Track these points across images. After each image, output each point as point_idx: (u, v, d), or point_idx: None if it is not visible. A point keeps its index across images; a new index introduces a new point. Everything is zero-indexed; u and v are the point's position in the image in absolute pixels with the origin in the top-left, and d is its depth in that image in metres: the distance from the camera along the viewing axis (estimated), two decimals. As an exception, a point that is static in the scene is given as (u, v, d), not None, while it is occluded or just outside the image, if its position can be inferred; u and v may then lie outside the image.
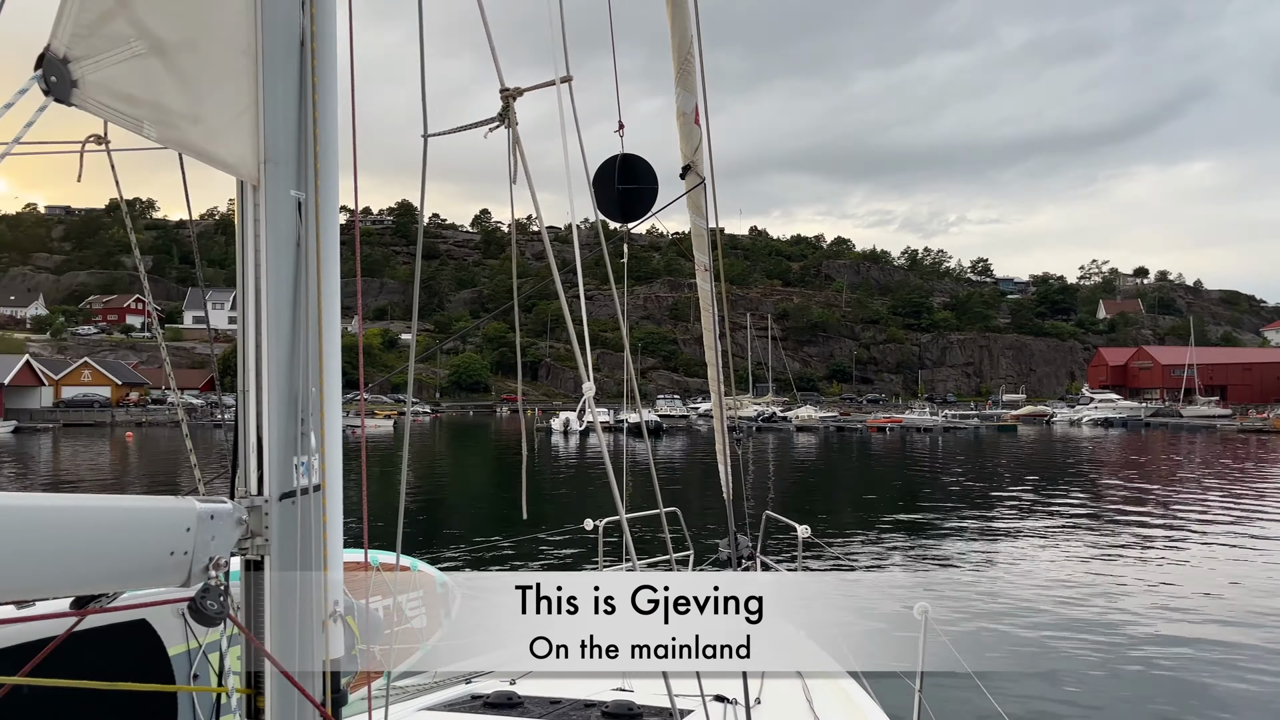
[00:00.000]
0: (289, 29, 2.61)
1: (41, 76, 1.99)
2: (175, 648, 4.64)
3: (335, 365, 2.78)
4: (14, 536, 1.80)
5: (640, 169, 5.98)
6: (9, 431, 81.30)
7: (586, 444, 64.09)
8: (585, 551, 19.42)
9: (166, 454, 56.69)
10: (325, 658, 2.63)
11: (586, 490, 35.08)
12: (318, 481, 2.68)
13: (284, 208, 2.61)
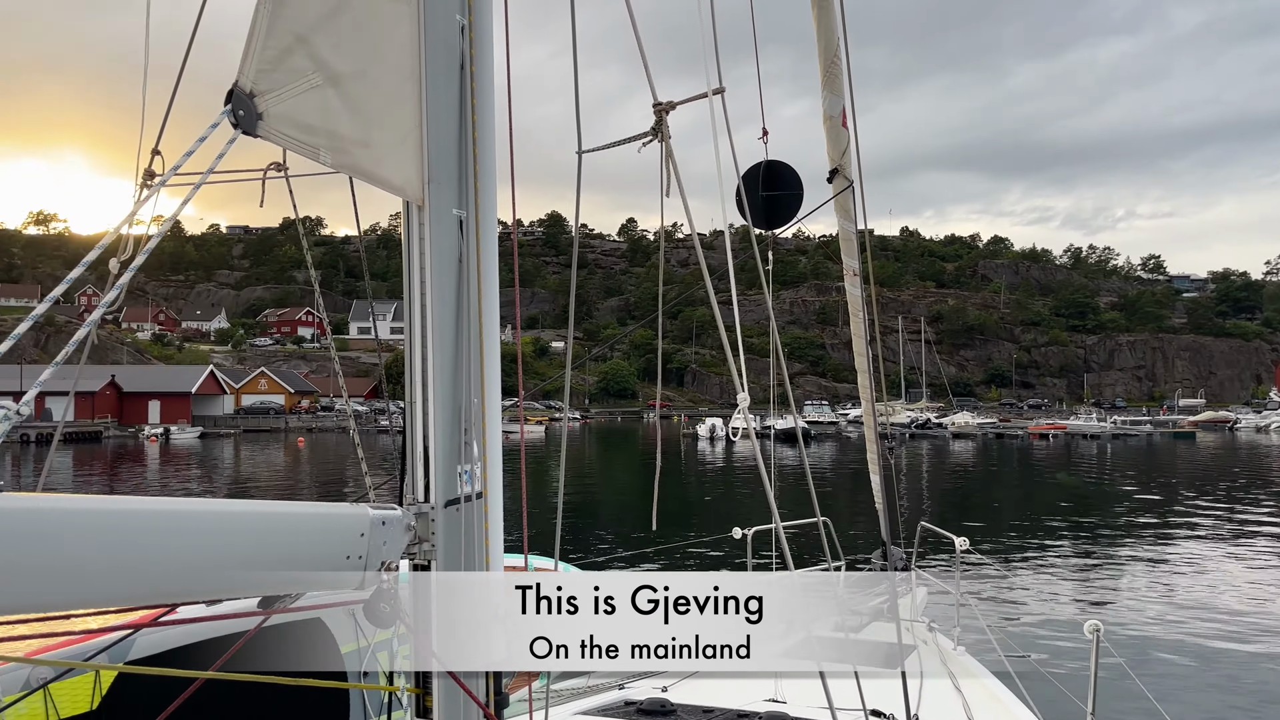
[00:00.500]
0: (449, 54, 2.72)
1: (230, 111, 2.14)
2: (347, 645, 4.90)
3: (495, 376, 2.88)
4: (212, 540, 1.94)
5: (785, 175, 5.93)
6: (196, 436, 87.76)
7: (733, 451, 63.88)
8: (733, 559, 19.36)
9: (335, 458, 59.87)
10: (489, 660, 2.72)
11: (734, 497, 34.95)
12: (480, 489, 2.78)
13: (446, 226, 2.72)
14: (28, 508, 1.57)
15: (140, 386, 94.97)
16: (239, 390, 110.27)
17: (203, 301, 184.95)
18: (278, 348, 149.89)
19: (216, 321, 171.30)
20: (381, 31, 2.53)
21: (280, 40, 2.25)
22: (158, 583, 1.85)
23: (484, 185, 2.79)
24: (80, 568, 1.66)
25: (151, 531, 1.80)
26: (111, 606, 1.90)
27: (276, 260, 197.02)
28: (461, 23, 2.74)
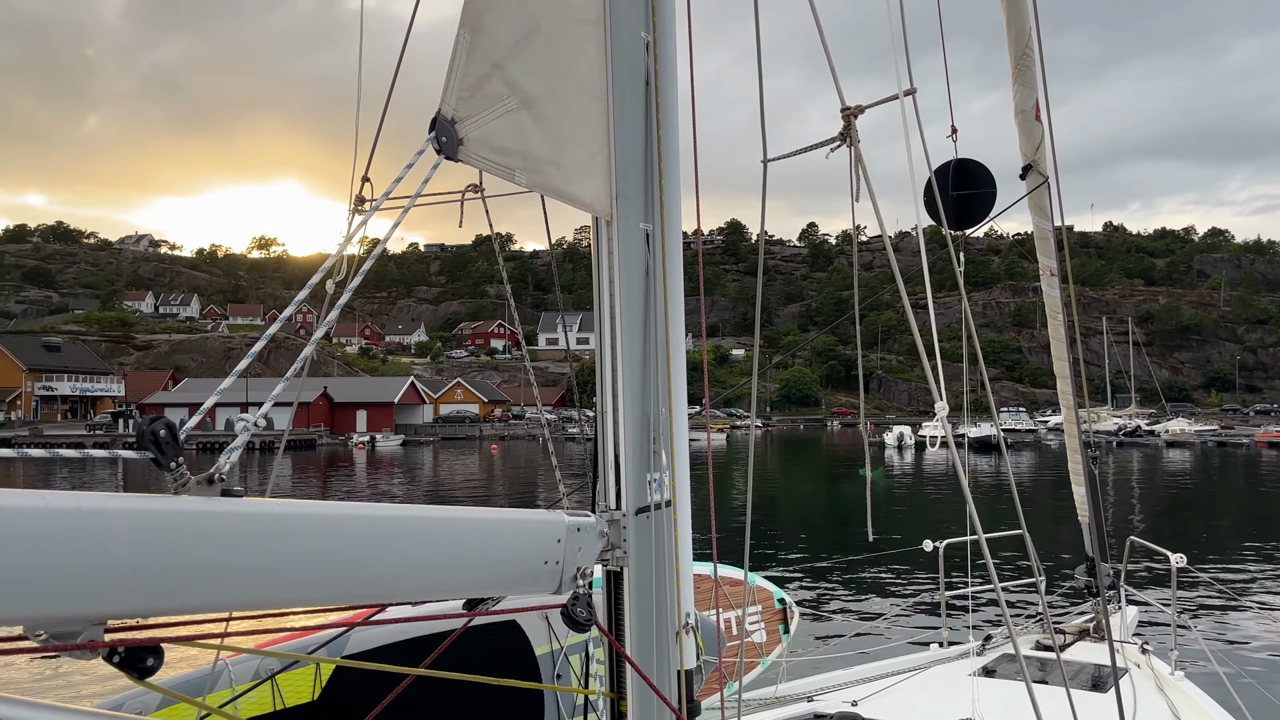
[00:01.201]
0: (635, 71, 2.78)
1: (434, 138, 2.27)
2: (541, 648, 5.06)
3: (682, 386, 2.91)
4: (420, 544, 2.06)
5: (975, 174, 5.70)
6: (398, 444, 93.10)
7: (922, 459, 61.75)
8: (922, 573, 18.71)
9: (526, 465, 62.02)
10: (680, 668, 2.75)
11: (923, 508, 33.76)
12: (669, 497, 2.82)
13: (634, 239, 2.78)
14: (262, 512, 1.71)
15: (349, 397, 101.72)
16: (437, 400, 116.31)
17: (404, 316, 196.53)
18: (472, 359, 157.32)
19: (416, 335, 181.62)
20: (570, 53, 2.62)
21: (478, 68, 2.37)
22: (371, 584, 1.97)
23: (669, 198, 2.83)
24: (303, 568, 1.79)
25: (366, 536, 1.92)
26: (328, 606, 2.04)
27: (470, 276, 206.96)
28: (646, 39, 2.79)
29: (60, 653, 1.49)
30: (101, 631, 1.52)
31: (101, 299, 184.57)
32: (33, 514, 1.38)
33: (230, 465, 1.70)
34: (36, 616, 1.44)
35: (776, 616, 7.84)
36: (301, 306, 2.22)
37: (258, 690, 4.18)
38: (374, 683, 3.95)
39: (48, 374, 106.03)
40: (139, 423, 1.57)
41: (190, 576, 1.59)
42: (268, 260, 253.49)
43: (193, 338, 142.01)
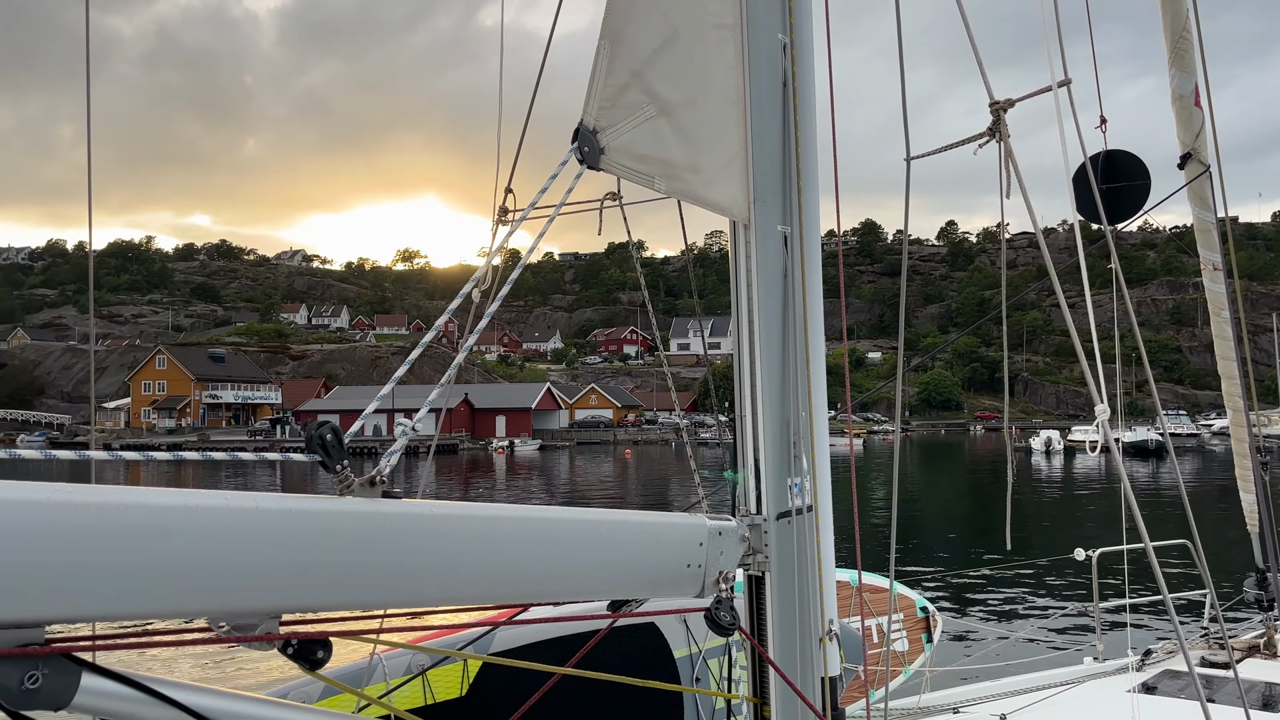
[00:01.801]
0: (772, 74, 2.77)
1: (577, 148, 2.33)
2: (679, 651, 5.08)
3: (822, 390, 2.87)
4: (565, 546, 2.10)
5: (1127, 165, 5.43)
6: (536, 448, 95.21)
7: (1072, 465, 58.94)
8: (1072, 583, 17.85)
9: (659, 469, 62.38)
10: (824, 674, 2.71)
11: (1073, 516, 32.22)
12: (810, 502, 2.79)
13: (772, 242, 2.77)
14: (420, 513, 1.78)
15: (488, 403, 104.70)
16: (572, 405, 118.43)
17: (540, 324, 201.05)
18: (605, 365, 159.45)
19: (552, 342, 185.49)
20: (708, 59, 2.63)
21: (618, 78, 2.41)
22: (520, 584, 2.03)
23: (807, 201, 2.80)
24: (457, 568, 1.86)
25: (517, 537, 1.98)
26: (479, 604, 2.10)
27: (603, 283, 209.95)
28: (783, 41, 2.78)
29: (240, 643, 1.60)
30: (277, 625, 1.62)
31: (260, 312, 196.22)
32: (217, 513, 1.49)
33: (390, 468, 1.78)
34: (220, 609, 1.54)
35: (919, 625, 7.64)
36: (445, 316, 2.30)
37: (410, 685, 4.34)
38: (518, 680, 4.05)
39: (214, 383, 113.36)
40: (308, 428, 1.66)
41: (355, 574, 1.67)
42: (411, 272, 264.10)
43: (342, 347, 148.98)
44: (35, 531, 1.31)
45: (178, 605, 1.47)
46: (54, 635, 1.42)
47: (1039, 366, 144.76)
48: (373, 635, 2.33)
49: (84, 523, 1.35)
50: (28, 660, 1.34)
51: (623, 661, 4.86)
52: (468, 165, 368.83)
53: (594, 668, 2.41)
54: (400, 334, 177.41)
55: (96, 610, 1.39)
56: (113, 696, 1.43)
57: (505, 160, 3.45)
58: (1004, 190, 2.63)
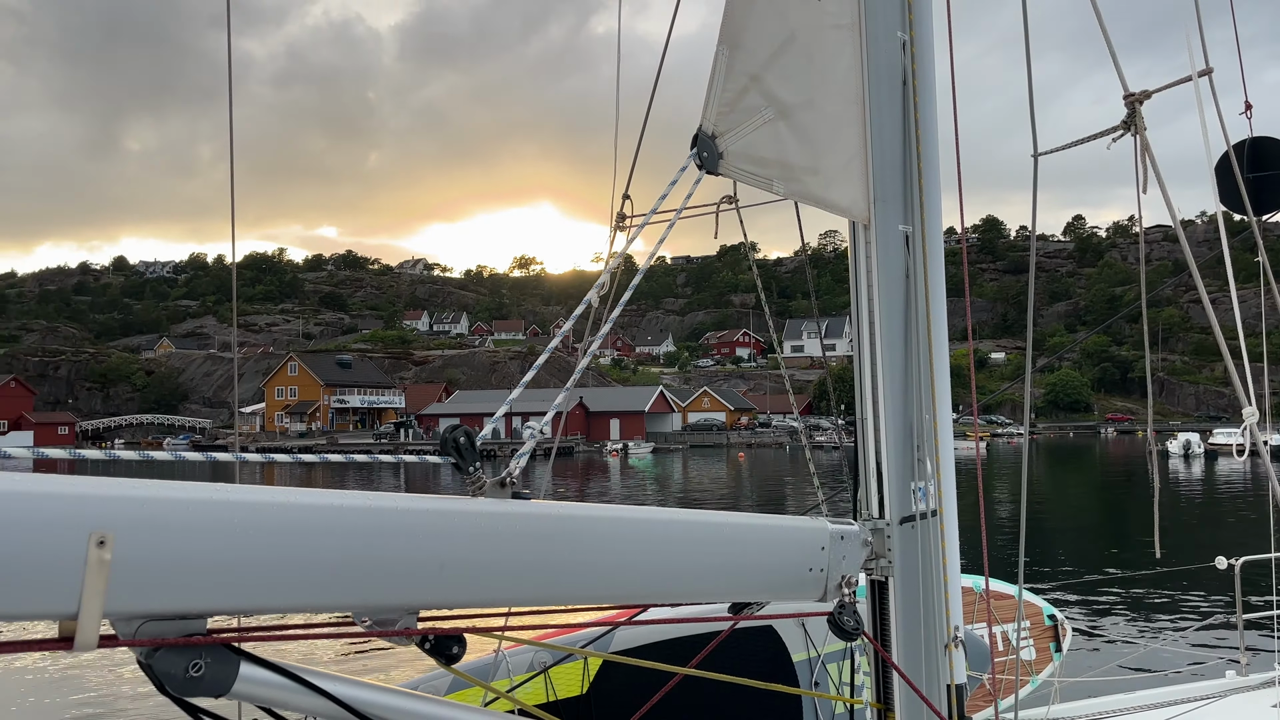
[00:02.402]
0: (891, 73, 2.74)
1: (696, 154, 2.35)
2: (797, 655, 5.04)
3: (946, 393, 2.82)
4: (686, 547, 2.12)
5: (1274, 153, 5.12)
6: (649, 452, 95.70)
7: (1214, 470, 55.78)
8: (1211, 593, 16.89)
9: (773, 473, 61.86)
10: (950, 682, 2.66)
11: (1216, 523, 30.48)
12: (934, 507, 2.74)
13: (893, 243, 2.73)
14: (549, 514, 1.83)
15: (603, 406, 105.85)
16: (685, 408, 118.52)
17: (652, 328, 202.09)
18: (718, 368, 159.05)
19: (664, 345, 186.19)
20: (826, 60, 2.62)
21: (737, 82, 2.42)
22: (643, 584, 2.06)
23: (929, 199, 2.76)
24: (583, 567, 1.90)
25: (641, 538, 2.01)
26: (602, 604, 2.14)
27: (715, 286, 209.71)
28: (903, 39, 2.74)
29: (383, 637, 1.67)
30: (415, 620, 1.69)
31: (384, 319, 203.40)
32: (363, 513, 1.57)
33: (519, 469, 1.83)
34: (365, 604, 1.62)
35: (1047, 634, 7.38)
36: (558, 321, 2.35)
37: (532, 682, 4.44)
38: (637, 680, 4.09)
39: (341, 388, 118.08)
40: (443, 432, 1.74)
41: (487, 572, 1.73)
42: (527, 278, 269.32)
43: (462, 352, 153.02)
44: (199, 528, 1.41)
45: (327, 599, 1.55)
46: (213, 627, 1.52)
47: (1176, 366, 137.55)
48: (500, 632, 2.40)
49: (243, 520, 1.44)
50: (191, 650, 1.44)
51: (740, 664, 4.85)
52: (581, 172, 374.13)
53: (712, 670, 2.43)
54: (517, 339, 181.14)
55: (254, 603, 1.48)
56: (268, 685, 1.52)
57: (621, 167, 3.50)
58: (1140, 184, 2.52)
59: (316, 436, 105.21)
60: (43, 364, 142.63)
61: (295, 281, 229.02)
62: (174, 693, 1.45)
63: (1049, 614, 7.48)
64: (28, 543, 1.27)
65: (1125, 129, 2.51)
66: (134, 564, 1.35)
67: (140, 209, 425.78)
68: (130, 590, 1.35)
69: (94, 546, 1.31)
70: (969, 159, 3.26)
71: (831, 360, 71.27)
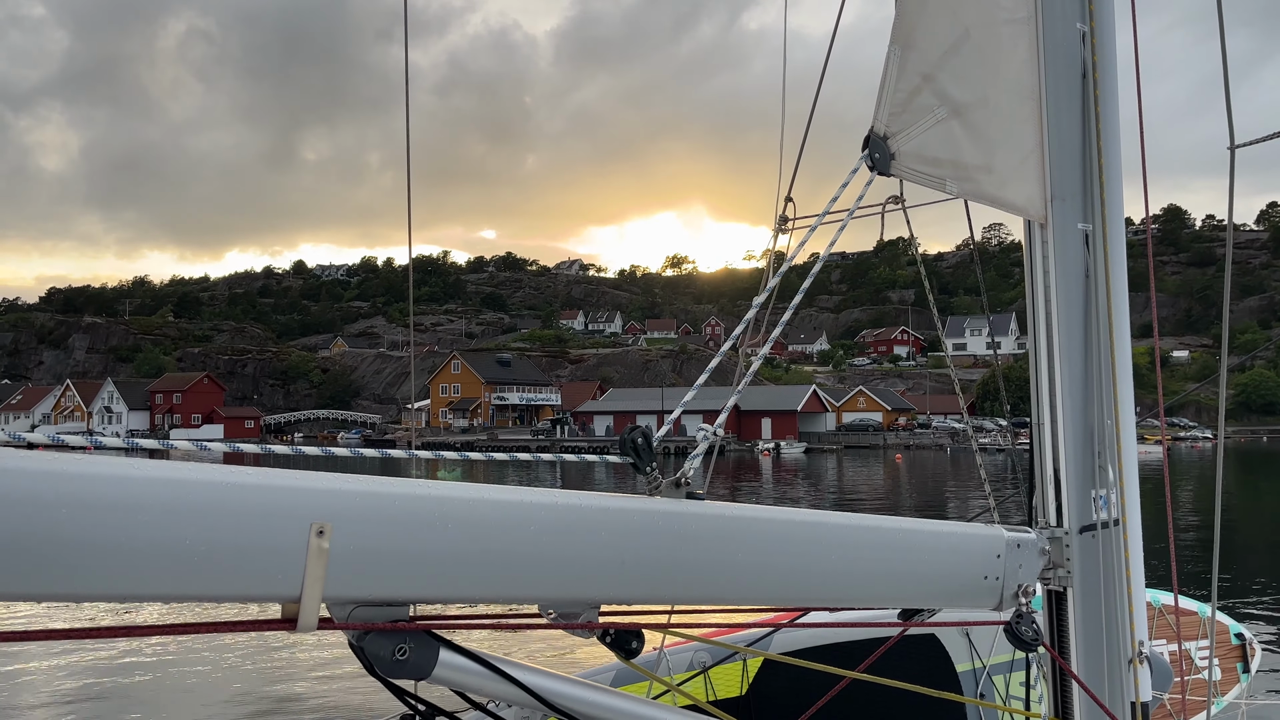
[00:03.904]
0: (1070, 66, 2.64)
1: (867, 155, 2.34)
2: (961, 665, 4.89)
3: (1128, 397, 2.69)
4: (856, 552, 2.12)
5: None
6: (801, 451, 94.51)
7: None
8: None
9: (932, 477, 59.95)
10: (1135, 699, 2.55)
11: None
12: (1116, 516, 2.62)
13: (1071, 241, 2.63)
14: (722, 514, 1.87)
15: (754, 405, 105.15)
16: (839, 408, 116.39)
17: (806, 326, 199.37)
18: (874, 366, 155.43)
19: (818, 344, 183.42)
20: (1000, 56, 2.55)
21: (909, 82, 2.40)
22: (810, 586, 2.07)
23: (1110, 197, 2.64)
24: (752, 568, 1.93)
25: (810, 540, 2.02)
26: (768, 605, 2.16)
27: (871, 283, 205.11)
28: (1082, 30, 2.64)
29: (567, 630, 1.76)
30: (596, 614, 1.77)
31: (542, 319, 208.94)
32: (551, 509, 1.65)
33: (693, 470, 1.88)
34: (552, 597, 1.71)
35: (1234, 653, 6.89)
36: (710, 320, 2.38)
37: (692, 682, 4.49)
38: (797, 684, 4.08)
39: (501, 386, 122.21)
40: (622, 433, 1.81)
41: (663, 569, 1.79)
42: (679, 278, 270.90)
43: (616, 351, 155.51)
44: (406, 520, 1.52)
45: (518, 591, 1.64)
46: (415, 614, 1.64)
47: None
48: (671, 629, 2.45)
49: (446, 514, 1.55)
50: (398, 635, 1.56)
51: (901, 672, 4.74)
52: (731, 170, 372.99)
53: (877, 672, 2.41)
54: (669, 338, 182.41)
55: (454, 593, 1.58)
56: (465, 671, 1.63)
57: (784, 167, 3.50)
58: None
59: (478, 432, 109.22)
60: (231, 362, 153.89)
61: (458, 283, 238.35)
62: (381, 674, 1.57)
63: (1236, 632, 7.00)
64: (257, 531, 1.41)
65: (1338, 117, 2.34)
66: (349, 553, 1.47)
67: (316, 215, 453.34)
68: (346, 577, 1.48)
69: (314, 536, 1.43)
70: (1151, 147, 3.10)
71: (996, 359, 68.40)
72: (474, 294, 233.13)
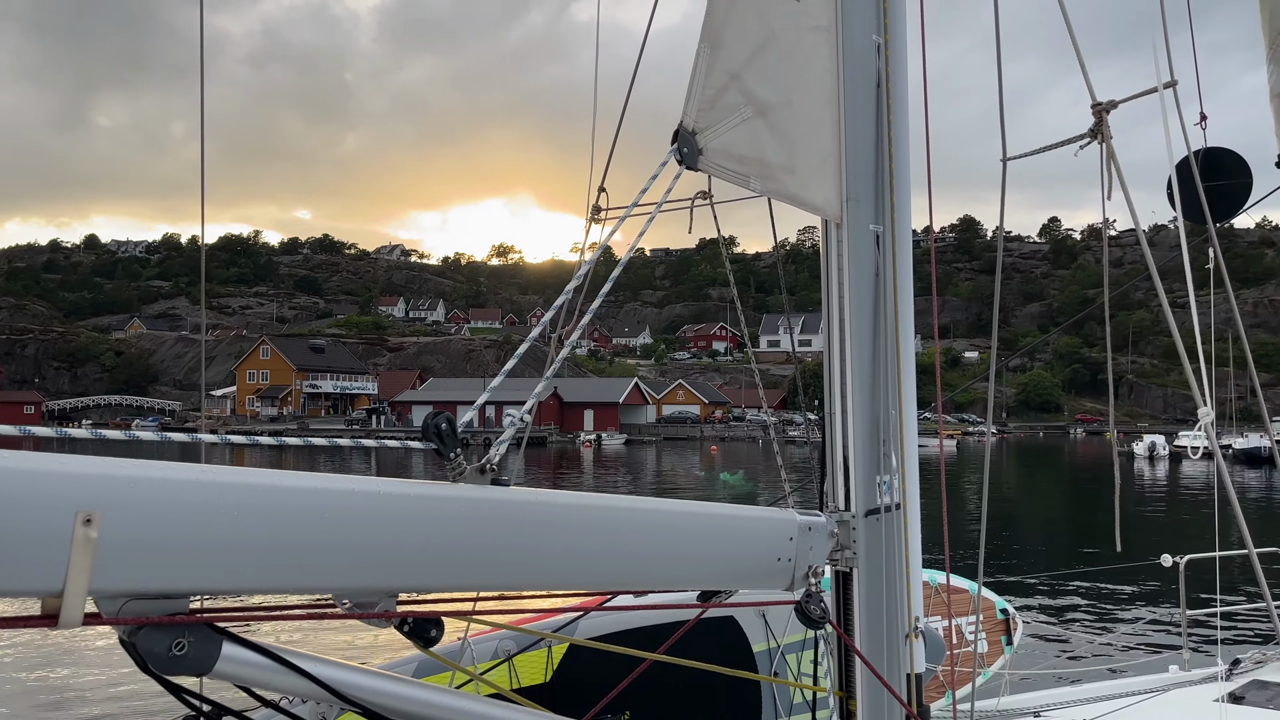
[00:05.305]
0: (866, 75, 2.80)
1: (676, 149, 2.40)
2: (758, 645, 5.10)
3: (911, 388, 2.89)
4: (656, 536, 2.18)
5: (1227, 162, 5.27)
6: (622, 443, 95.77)
7: (1177, 472, 56.62)
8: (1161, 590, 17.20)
9: (746, 467, 62.10)
10: (910, 671, 2.73)
11: (1176, 525, 30.97)
12: (898, 500, 2.81)
13: (864, 242, 2.79)
14: (527, 500, 1.88)
15: (577, 397, 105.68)
16: (659, 401, 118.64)
17: (629, 319, 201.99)
18: (694, 361, 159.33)
19: (641, 338, 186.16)
20: (804, 60, 2.67)
21: (717, 80, 2.47)
22: (615, 571, 2.11)
23: (900, 201, 2.82)
24: (559, 554, 1.94)
25: (615, 526, 2.06)
26: (574, 590, 2.19)
27: (693, 279, 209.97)
28: (877, 42, 2.80)
29: (361, 619, 1.71)
30: (394, 603, 1.73)
31: (360, 305, 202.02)
32: (346, 496, 1.61)
33: (499, 456, 1.88)
34: (346, 586, 1.66)
35: (999, 627, 7.53)
36: (536, 311, 2.39)
37: (496, 670, 4.47)
38: (601, 667, 4.13)
39: (314, 373, 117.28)
40: (425, 418, 1.78)
41: (466, 556, 1.78)
42: (505, 267, 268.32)
43: (438, 340, 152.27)
44: (185, 508, 1.44)
45: (311, 581, 1.59)
46: (196, 607, 1.56)
47: (1146, 369, 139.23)
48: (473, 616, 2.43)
49: (229, 502, 1.48)
50: (175, 628, 1.47)
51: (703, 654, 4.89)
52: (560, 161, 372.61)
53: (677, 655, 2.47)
54: (494, 328, 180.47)
55: (237, 584, 1.51)
56: (250, 665, 1.56)
57: (598, 159, 3.53)
58: (1105, 191, 2.60)
59: (288, 421, 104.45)
60: (9, 342, 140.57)
61: (270, 265, 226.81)
62: (156, 671, 1.48)
63: (1001, 608, 7.64)
64: (14, 520, 1.30)
65: (1092, 137, 2.59)
66: (120, 543, 1.38)
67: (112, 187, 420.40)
68: (116, 568, 1.38)
69: (80, 525, 1.33)
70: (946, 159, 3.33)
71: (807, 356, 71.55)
72: (287, 277, 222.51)
